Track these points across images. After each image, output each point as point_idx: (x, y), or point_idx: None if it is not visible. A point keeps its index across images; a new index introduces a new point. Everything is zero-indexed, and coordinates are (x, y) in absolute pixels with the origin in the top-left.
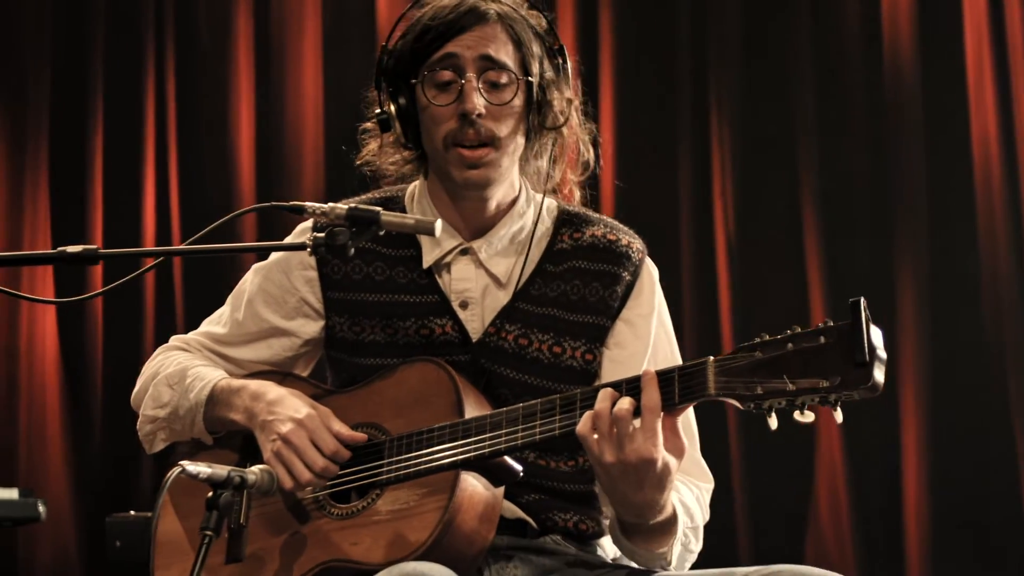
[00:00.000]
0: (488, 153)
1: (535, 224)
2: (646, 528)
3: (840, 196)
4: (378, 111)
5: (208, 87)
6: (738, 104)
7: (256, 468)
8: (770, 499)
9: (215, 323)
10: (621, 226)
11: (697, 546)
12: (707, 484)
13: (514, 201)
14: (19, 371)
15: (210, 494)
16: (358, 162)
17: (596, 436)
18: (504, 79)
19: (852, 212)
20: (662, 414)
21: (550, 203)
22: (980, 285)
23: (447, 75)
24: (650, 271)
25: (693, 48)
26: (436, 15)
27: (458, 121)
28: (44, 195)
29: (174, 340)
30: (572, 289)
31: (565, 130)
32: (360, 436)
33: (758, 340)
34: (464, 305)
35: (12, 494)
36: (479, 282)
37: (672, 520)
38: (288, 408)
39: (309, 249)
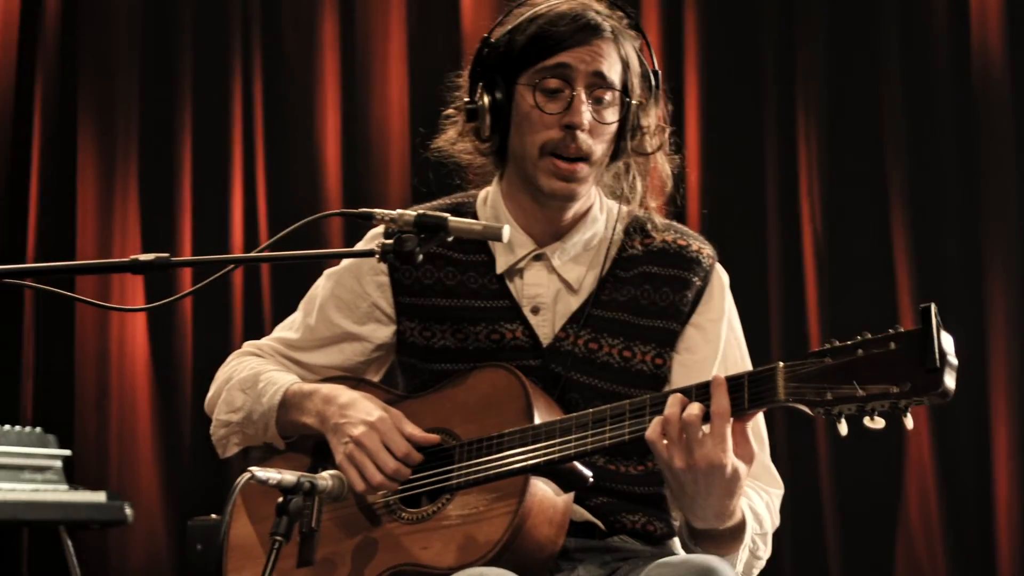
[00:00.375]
0: (582, 168)
1: (612, 232)
2: (716, 534)
3: (929, 196)
4: (467, 100)
5: (294, 90)
6: (825, 103)
7: (327, 473)
8: (860, 502)
9: (288, 328)
10: (691, 232)
11: (765, 552)
12: (777, 490)
13: (589, 208)
14: (110, 376)
15: (280, 499)
16: (433, 146)
17: (666, 441)
18: (609, 97)
19: (942, 212)
20: (731, 420)
21: (623, 210)
22: None
23: (556, 83)
24: (720, 277)
25: (779, 46)
26: (554, 21)
27: (561, 131)
28: (134, 200)
29: (247, 346)
30: (642, 294)
31: (655, 157)
32: (433, 437)
33: (828, 346)
34: (535, 310)
35: (100, 497)
36: (551, 287)
37: (741, 527)
38: (360, 411)
39: (378, 256)
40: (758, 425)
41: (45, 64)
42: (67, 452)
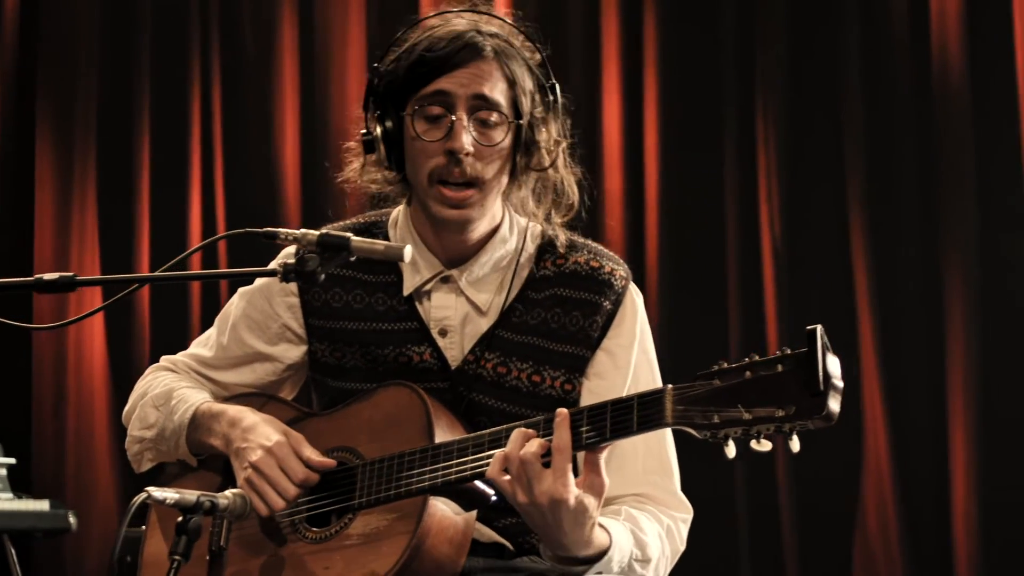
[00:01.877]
0: (472, 195)
1: (519, 252)
2: (580, 561)
3: (888, 202)
4: (363, 132)
5: (254, 96)
6: (784, 109)
7: (228, 492)
8: (817, 507)
9: (203, 345)
10: (606, 252)
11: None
12: (683, 515)
13: (496, 228)
14: (67, 382)
15: (180, 519)
16: (339, 180)
17: (507, 477)
18: (495, 118)
19: (900, 218)
20: (584, 452)
21: (535, 228)
22: None
23: (437, 111)
24: (633, 299)
25: (739, 51)
26: (432, 46)
27: (445, 158)
28: (92, 209)
29: (164, 360)
30: (553, 317)
31: (551, 172)
32: (329, 462)
33: (716, 368)
34: (443, 333)
35: (43, 505)
36: (459, 310)
37: (604, 552)
38: (260, 436)
39: (280, 275)
40: (664, 452)
41: (2, 69)
42: (11, 460)
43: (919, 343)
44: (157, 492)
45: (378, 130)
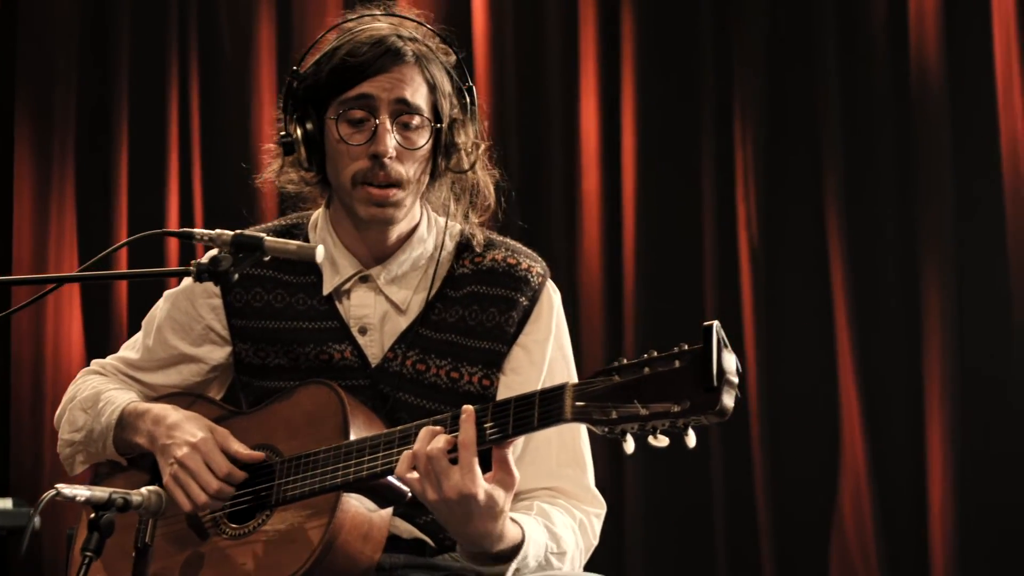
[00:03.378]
0: (395, 193)
1: (439, 250)
2: (493, 556)
3: (865, 200)
4: (282, 133)
5: (231, 97)
6: (762, 107)
7: (144, 489)
8: (794, 506)
9: (130, 348)
10: (523, 249)
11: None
12: (597, 510)
13: (415, 228)
14: (45, 380)
15: (92, 515)
16: (257, 182)
17: (415, 475)
18: (417, 122)
19: (877, 216)
20: (490, 448)
21: (453, 227)
22: (1010, 292)
23: (360, 114)
24: (550, 295)
25: (716, 50)
26: (353, 51)
27: (369, 161)
28: (70, 207)
29: (94, 364)
30: (470, 314)
31: (470, 174)
32: (256, 455)
33: (616, 364)
34: (363, 331)
35: (6, 504)
36: (378, 308)
37: (518, 547)
38: (185, 432)
39: (193, 275)
40: (577, 446)
41: None
42: None
43: (896, 343)
44: (67, 489)
45: (298, 132)
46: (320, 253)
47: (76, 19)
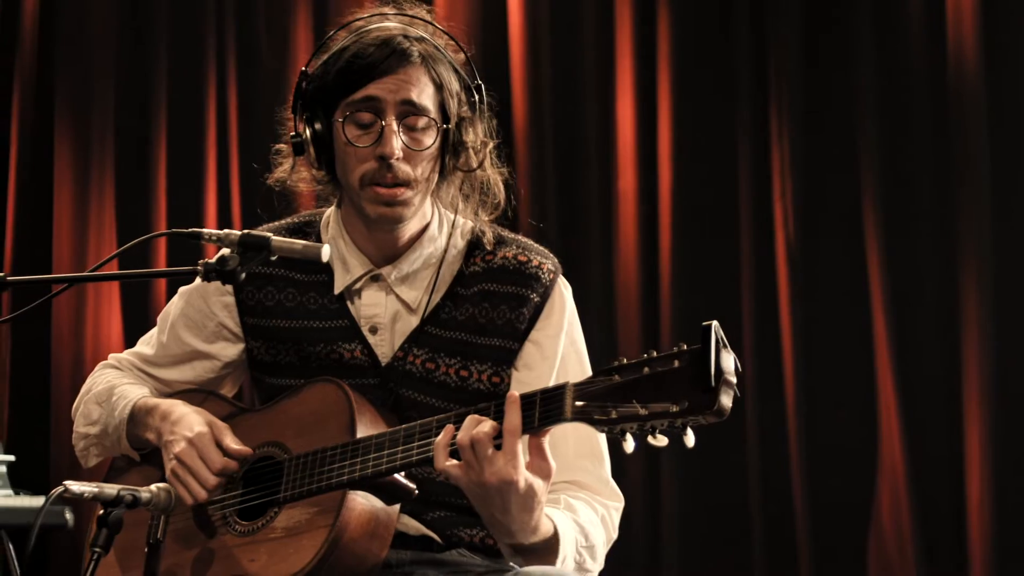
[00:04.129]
0: (403, 192)
1: (445, 250)
2: (526, 549)
3: (902, 199)
4: (293, 134)
5: (268, 97)
6: (798, 106)
7: (153, 487)
8: (832, 503)
9: (146, 344)
10: (535, 246)
11: (594, 565)
12: (616, 503)
13: (426, 227)
14: (84, 379)
15: (101, 511)
16: (269, 181)
17: (454, 462)
18: (423, 123)
19: (915, 215)
20: (527, 436)
21: (465, 225)
22: None
23: (367, 116)
24: (562, 291)
25: (752, 48)
26: (360, 52)
27: (376, 162)
28: (110, 206)
29: (111, 358)
30: (480, 312)
31: (480, 172)
32: (246, 450)
33: (616, 363)
34: (374, 330)
35: (40, 501)
36: (389, 307)
37: (555, 539)
38: (184, 427)
39: (201, 275)
40: (594, 440)
41: (22, 73)
42: (10, 458)
43: (934, 339)
44: (75, 486)
45: (308, 132)
46: (326, 253)
47: (115, 17)
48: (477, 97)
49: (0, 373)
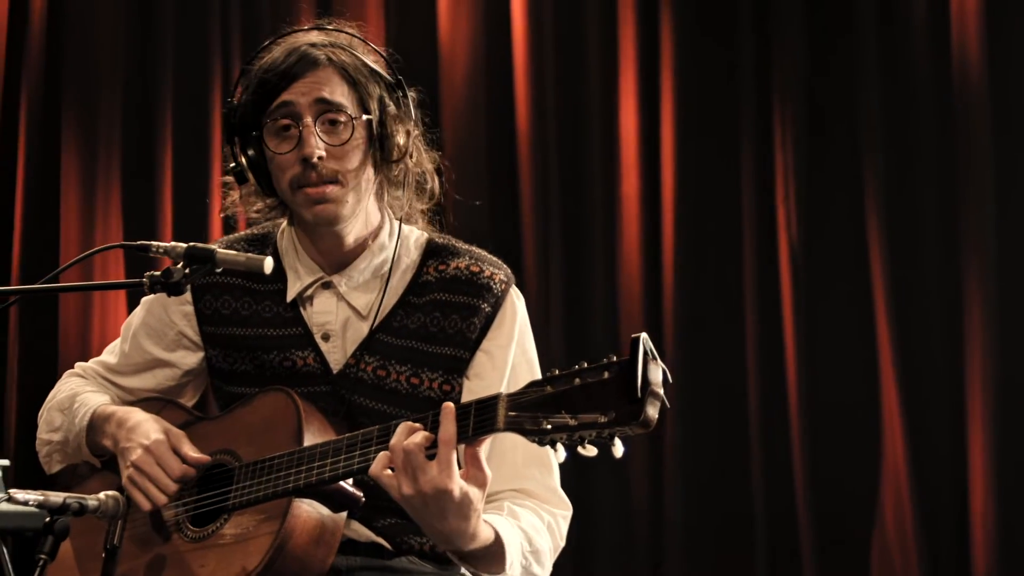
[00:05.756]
0: (332, 190)
1: (394, 256)
2: (468, 556)
3: (906, 201)
4: (231, 165)
5: None
6: (802, 108)
7: (102, 494)
8: (835, 506)
9: (110, 352)
10: (487, 256)
11: (541, 571)
12: (563, 511)
13: (375, 234)
14: None
15: (47, 520)
16: (221, 214)
17: (390, 472)
18: (341, 118)
19: (918, 217)
20: (463, 446)
21: (420, 235)
22: None
23: (285, 122)
24: (513, 301)
25: (756, 51)
26: (270, 66)
27: (300, 165)
28: (116, 201)
29: (76, 367)
30: (432, 321)
31: (410, 161)
32: (204, 458)
33: (549, 375)
34: (326, 337)
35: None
36: (340, 314)
37: (498, 544)
38: (140, 435)
39: (146, 287)
40: (542, 450)
41: (29, 69)
42: (5, 462)
43: (937, 345)
44: (20, 494)
45: (243, 160)
46: (268, 265)
47: (121, 16)
48: (401, 92)
49: (8, 381)
